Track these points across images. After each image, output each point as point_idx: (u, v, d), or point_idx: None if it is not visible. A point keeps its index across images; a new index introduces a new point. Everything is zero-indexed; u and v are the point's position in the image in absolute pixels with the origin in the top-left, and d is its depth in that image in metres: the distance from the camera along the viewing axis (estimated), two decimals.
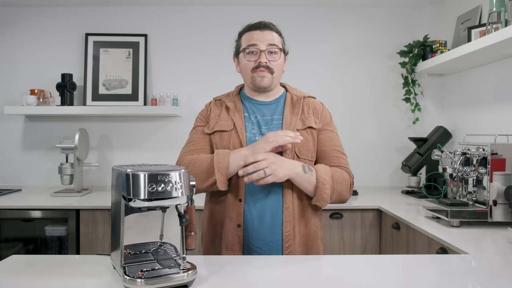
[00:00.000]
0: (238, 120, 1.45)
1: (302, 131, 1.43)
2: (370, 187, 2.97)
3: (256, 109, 1.49)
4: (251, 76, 1.45)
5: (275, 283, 1.07)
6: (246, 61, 1.45)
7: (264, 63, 1.42)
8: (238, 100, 1.52)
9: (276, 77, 1.46)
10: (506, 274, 1.18)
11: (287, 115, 1.45)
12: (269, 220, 1.38)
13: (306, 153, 1.43)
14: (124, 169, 1.02)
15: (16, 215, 2.37)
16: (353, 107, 3.04)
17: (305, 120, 1.45)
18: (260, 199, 1.39)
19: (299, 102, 1.49)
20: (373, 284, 1.07)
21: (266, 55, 1.42)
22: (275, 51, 1.44)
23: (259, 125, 1.45)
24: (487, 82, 2.47)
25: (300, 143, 1.39)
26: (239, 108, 1.49)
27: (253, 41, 1.43)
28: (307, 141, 1.43)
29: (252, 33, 1.44)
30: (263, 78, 1.43)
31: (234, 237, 1.38)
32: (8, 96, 3.00)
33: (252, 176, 1.29)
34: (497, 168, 1.76)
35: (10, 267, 1.18)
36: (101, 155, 3.03)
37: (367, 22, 3.05)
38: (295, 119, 1.44)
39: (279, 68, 1.47)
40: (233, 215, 1.39)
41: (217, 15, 3.04)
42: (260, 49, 1.42)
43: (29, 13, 3.03)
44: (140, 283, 0.99)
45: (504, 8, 2.03)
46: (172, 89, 3.03)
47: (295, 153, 1.40)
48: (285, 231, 1.37)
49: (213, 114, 1.51)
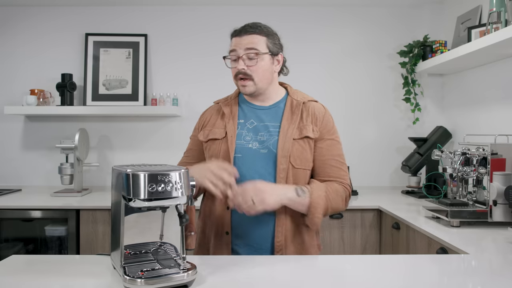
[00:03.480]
0: (230, 128, 1.42)
1: (299, 140, 1.39)
2: (370, 187, 2.97)
3: (254, 114, 1.45)
4: (236, 83, 1.44)
5: (275, 283, 1.07)
6: (229, 68, 1.45)
7: (241, 69, 1.39)
8: (235, 105, 1.49)
9: (260, 81, 1.40)
10: (506, 274, 1.18)
11: (285, 123, 1.41)
12: (259, 228, 1.37)
13: (301, 163, 1.39)
14: (124, 169, 1.02)
15: (16, 215, 2.37)
16: (353, 107, 3.04)
17: (302, 128, 1.40)
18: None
19: (298, 108, 1.44)
20: (373, 284, 1.07)
21: (244, 61, 1.39)
22: (252, 56, 1.38)
23: (256, 132, 1.42)
24: (487, 82, 2.47)
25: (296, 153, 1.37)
26: (234, 114, 1.46)
27: (232, 47, 1.41)
28: (303, 151, 1.39)
29: (233, 40, 1.43)
30: (245, 87, 1.41)
31: (222, 244, 1.38)
32: (8, 96, 3.00)
33: (241, 206, 1.26)
34: (497, 168, 1.76)
35: (10, 267, 1.18)
36: (101, 155, 3.03)
37: (367, 22, 3.05)
38: (292, 128, 1.40)
39: (262, 72, 1.40)
40: (221, 222, 1.39)
41: (217, 15, 3.03)
42: (238, 55, 1.39)
43: (29, 13, 3.03)
44: (140, 283, 0.99)
45: (504, 8, 2.03)
46: (172, 89, 3.03)
47: (290, 163, 1.37)
48: (276, 241, 1.36)
49: (211, 121, 1.50)
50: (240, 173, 1.35)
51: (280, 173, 1.36)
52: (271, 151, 1.38)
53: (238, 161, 1.38)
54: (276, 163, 1.36)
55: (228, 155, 1.38)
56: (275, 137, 1.40)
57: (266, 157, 1.38)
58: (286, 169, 1.36)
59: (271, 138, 1.40)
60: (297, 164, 1.38)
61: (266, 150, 1.38)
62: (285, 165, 1.36)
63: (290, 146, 1.37)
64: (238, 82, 1.42)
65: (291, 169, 1.37)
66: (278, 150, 1.37)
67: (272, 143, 1.39)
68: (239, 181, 1.33)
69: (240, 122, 1.45)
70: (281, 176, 1.36)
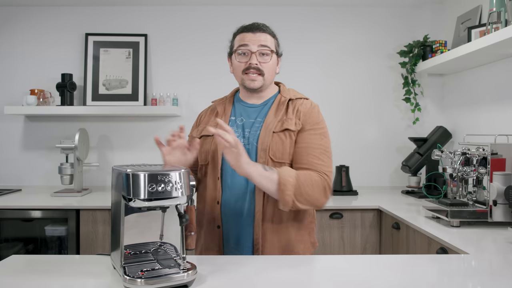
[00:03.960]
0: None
1: (280, 133, 1.39)
2: (370, 187, 2.97)
3: (244, 112, 1.48)
4: (241, 78, 1.45)
5: (276, 283, 1.07)
6: (237, 62, 1.45)
7: (254, 64, 1.41)
8: (229, 104, 1.52)
9: (267, 78, 1.45)
10: (506, 274, 1.18)
11: (269, 117, 1.43)
12: (242, 221, 1.38)
13: (281, 156, 1.38)
14: (124, 169, 1.02)
15: (16, 215, 2.37)
16: (353, 107, 3.04)
17: (284, 121, 1.41)
18: (236, 201, 1.38)
19: (284, 104, 1.45)
20: (373, 284, 1.07)
21: (257, 56, 1.42)
22: (266, 53, 1.43)
23: (243, 128, 1.45)
24: (487, 82, 2.47)
25: (275, 146, 1.36)
26: (226, 112, 1.50)
27: (245, 42, 1.43)
28: (283, 144, 1.38)
29: (244, 35, 1.44)
30: (254, 81, 1.43)
31: (214, 238, 1.41)
32: (8, 96, 3.00)
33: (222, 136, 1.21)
34: (497, 168, 1.76)
35: (10, 267, 1.18)
36: (101, 155, 3.03)
37: (367, 22, 3.05)
38: (275, 121, 1.41)
39: (270, 70, 1.45)
40: (211, 217, 1.41)
41: (217, 15, 3.03)
42: (251, 51, 1.42)
43: (29, 13, 3.03)
44: (140, 283, 0.99)
45: (504, 8, 2.03)
46: (172, 89, 3.03)
47: (269, 156, 1.37)
48: (255, 237, 1.37)
49: (205, 119, 1.55)
50: (227, 168, 1.39)
51: None
52: (253, 145, 1.40)
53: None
54: (256, 157, 1.38)
55: (217, 151, 1.41)
56: (258, 132, 1.42)
57: (248, 151, 1.39)
58: (265, 162, 1.36)
59: (255, 133, 1.42)
60: (277, 157, 1.37)
61: (249, 145, 1.41)
62: (264, 158, 1.36)
63: (270, 140, 1.37)
64: (246, 76, 1.43)
65: (270, 163, 1.36)
66: (259, 144, 1.38)
67: (255, 137, 1.41)
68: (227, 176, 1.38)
69: (231, 119, 1.48)
70: None
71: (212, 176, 1.42)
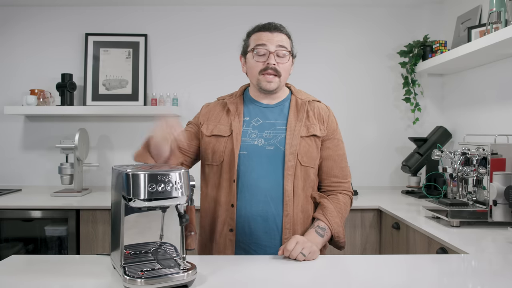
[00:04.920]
0: (236, 126, 1.42)
1: (306, 138, 1.41)
2: (370, 187, 2.97)
3: (260, 112, 1.46)
4: (257, 78, 1.42)
5: (275, 283, 1.07)
6: (254, 61, 1.42)
7: (272, 64, 1.39)
8: (241, 102, 1.49)
9: (283, 80, 1.44)
10: (506, 274, 1.18)
11: (291, 120, 1.42)
12: (266, 225, 1.37)
13: (308, 161, 1.40)
14: (124, 169, 1.02)
15: (16, 215, 2.37)
16: (353, 107, 3.04)
17: (309, 127, 1.42)
18: (254, 204, 1.37)
19: (303, 106, 1.45)
20: (373, 284, 1.07)
21: (275, 57, 1.40)
22: (284, 54, 1.41)
23: (262, 129, 1.42)
24: (487, 82, 2.47)
25: (303, 150, 1.39)
26: (239, 112, 1.46)
27: (263, 41, 1.40)
28: (310, 149, 1.41)
29: (261, 34, 1.41)
30: (271, 83, 1.41)
31: (227, 241, 1.38)
32: (8, 96, 3.00)
33: (294, 256, 1.24)
34: (497, 168, 1.76)
35: (10, 267, 1.18)
36: (101, 155, 3.03)
37: (367, 22, 3.05)
38: (300, 125, 1.41)
39: (287, 71, 1.44)
40: (225, 220, 1.39)
41: (217, 15, 3.03)
42: (269, 50, 1.39)
43: (29, 13, 3.03)
44: (140, 283, 0.99)
45: (504, 8, 2.03)
46: (172, 89, 3.03)
47: (298, 160, 1.38)
48: (284, 238, 1.37)
49: (216, 116, 1.48)
50: (246, 170, 1.37)
51: (288, 170, 1.37)
52: (278, 148, 1.39)
53: (244, 158, 1.39)
54: (284, 160, 1.37)
55: (233, 152, 1.38)
56: (282, 135, 1.41)
57: (272, 154, 1.38)
58: (294, 166, 1.37)
59: (278, 136, 1.41)
60: (304, 161, 1.39)
61: (272, 147, 1.39)
62: (293, 162, 1.37)
63: (298, 144, 1.38)
64: (263, 77, 1.41)
65: (298, 166, 1.38)
66: (286, 147, 1.38)
67: (279, 140, 1.40)
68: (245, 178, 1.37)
69: (245, 120, 1.45)
70: (288, 173, 1.37)
71: (227, 178, 1.39)
